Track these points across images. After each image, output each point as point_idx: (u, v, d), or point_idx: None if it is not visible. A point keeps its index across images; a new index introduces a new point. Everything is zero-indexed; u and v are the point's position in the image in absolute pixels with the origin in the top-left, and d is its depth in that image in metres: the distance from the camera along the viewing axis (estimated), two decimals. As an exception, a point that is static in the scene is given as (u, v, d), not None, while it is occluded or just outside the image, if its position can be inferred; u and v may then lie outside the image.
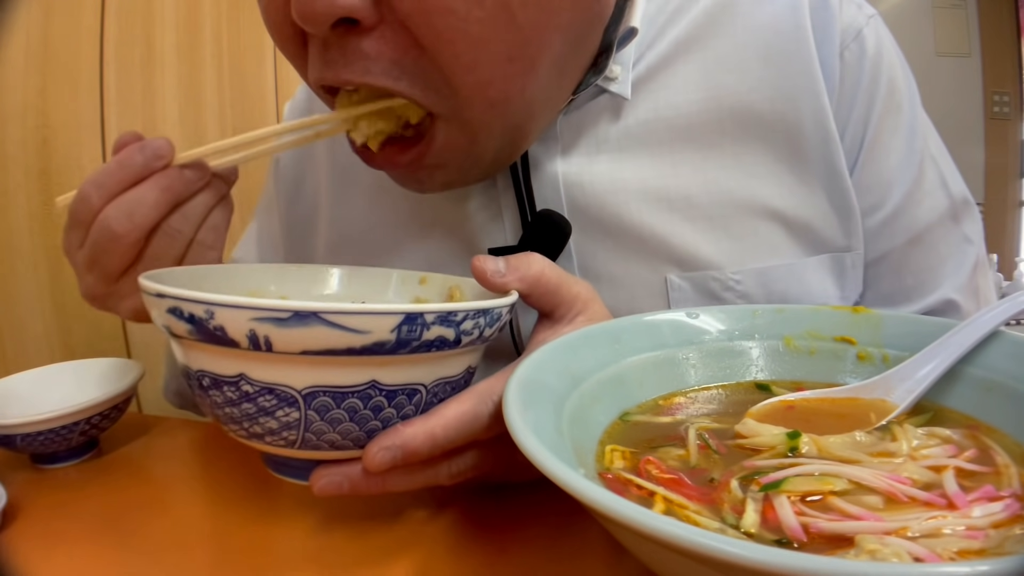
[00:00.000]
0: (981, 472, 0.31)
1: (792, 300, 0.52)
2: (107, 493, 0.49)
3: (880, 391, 0.39)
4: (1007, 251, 2.64)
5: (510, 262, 0.42)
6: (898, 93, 0.54)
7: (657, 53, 0.53)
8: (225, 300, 0.32)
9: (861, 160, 0.53)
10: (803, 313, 0.45)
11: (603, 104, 0.53)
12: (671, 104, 0.52)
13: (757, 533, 0.28)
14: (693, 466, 0.33)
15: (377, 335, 0.32)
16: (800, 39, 0.51)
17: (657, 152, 0.52)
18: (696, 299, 0.52)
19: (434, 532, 0.41)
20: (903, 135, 0.54)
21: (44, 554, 0.41)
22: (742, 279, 0.52)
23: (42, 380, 0.58)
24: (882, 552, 0.25)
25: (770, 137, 0.52)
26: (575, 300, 0.43)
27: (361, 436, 0.36)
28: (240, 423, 0.36)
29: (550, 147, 0.53)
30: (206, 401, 0.37)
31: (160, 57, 1.08)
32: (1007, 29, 2.73)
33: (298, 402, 0.34)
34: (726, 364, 0.43)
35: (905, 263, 0.55)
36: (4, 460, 0.53)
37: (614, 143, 0.53)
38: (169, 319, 0.34)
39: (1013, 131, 2.75)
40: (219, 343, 0.33)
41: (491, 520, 0.41)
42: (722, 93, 0.52)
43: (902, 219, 0.54)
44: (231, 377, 0.34)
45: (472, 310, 0.35)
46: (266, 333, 0.32)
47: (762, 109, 0.51)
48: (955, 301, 0.54)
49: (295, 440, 0.35)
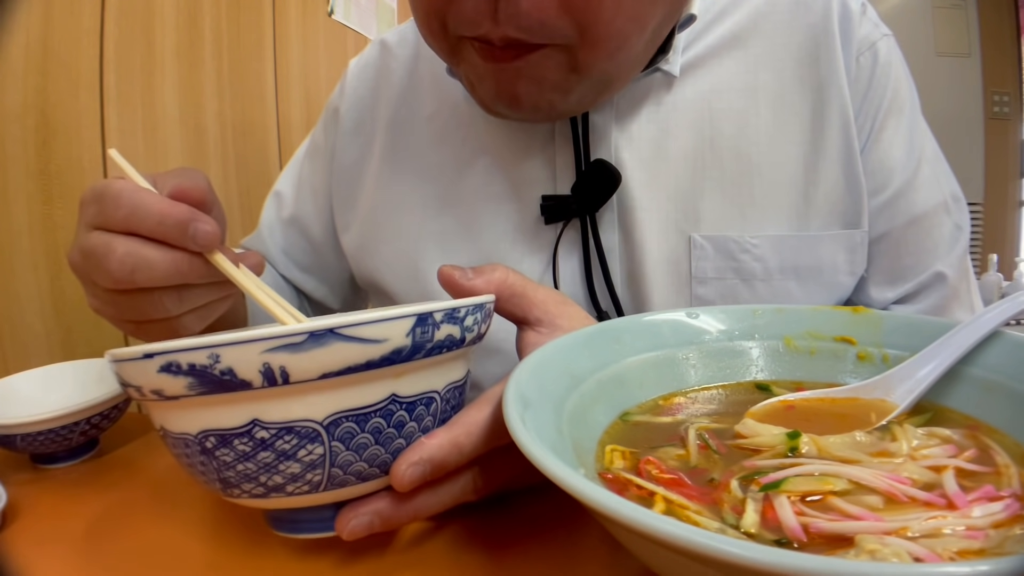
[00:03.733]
0: (981, 472, 0.31)
1: (804, 269, 0.58)
2: (107, 493, 0.49)
3: (880, 391, 0.39)
4: (1007, 251, 2.64)
5: (476, 269, 0.43)
6: (901, 99, 0.61)
7: (705, 44, 0.60)
8: (231, 338, 0.30)
9: (868, 147, 0.60)
10: (803, 313, 0.45)
11: (656, 80, 0.60)
12: (714, 89, 0.60)
13: (757, 533, 0.28)
14: (693, 466, 0.33)
15: (394, 342, 0.32)
16: (830, 41, 0.59)
17: (697, 127, 0.59)
18: (715, 258, 0.58)
19: (436, 540, 0.40)
20: (904, 133, 0.61)
21: (44, 554, 0.41)
22: (759, 243, 0.58)
23: (42, 380, 0.58)
24: (882, 552, 0.25)
25: (799, 121, 0.59)
26: (545, 303, 0.44)
27: (387, 459, 0.35)
28: (256, 479, 0.33)
29: (606, 112, 0.60)
30: (211, 466, 0.34)
31: (160, 57, 1.08)
32: (1007, 29, 2.74)
33: (321, 435, 0.32)
34: (726, 364, 0.43)
35: (904, 243, 0.61)
36: (4, 460, 0.53)
37: (662, 115, 0.60)
38: (162, 380, 0.31)
39: (1013, 131, 2.75)
40: (227, 389, 0.31)
41: (492, 525, 0.41)
42: (759, 85, 0.59)
43: (901, 202, 0.60)
44: (241, 427, 0.32)
45: (470, 304, 0.36)
46: (282, 363, 0.30)
47: (793, 99, 0.59)
48: (944, 273, 0.61)
49: (320, 481, 0.33)
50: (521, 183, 0.62)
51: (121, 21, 1.00)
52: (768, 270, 0.58)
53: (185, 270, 0.40)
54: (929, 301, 0.61)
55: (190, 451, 0.34)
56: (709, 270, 0.58)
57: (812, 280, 0.59)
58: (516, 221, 0.62)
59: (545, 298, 0.44)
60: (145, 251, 0.40)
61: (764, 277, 0.58)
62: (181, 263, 0.40)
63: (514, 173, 0.63)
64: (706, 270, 0.58)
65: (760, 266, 0.58)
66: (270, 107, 1.33)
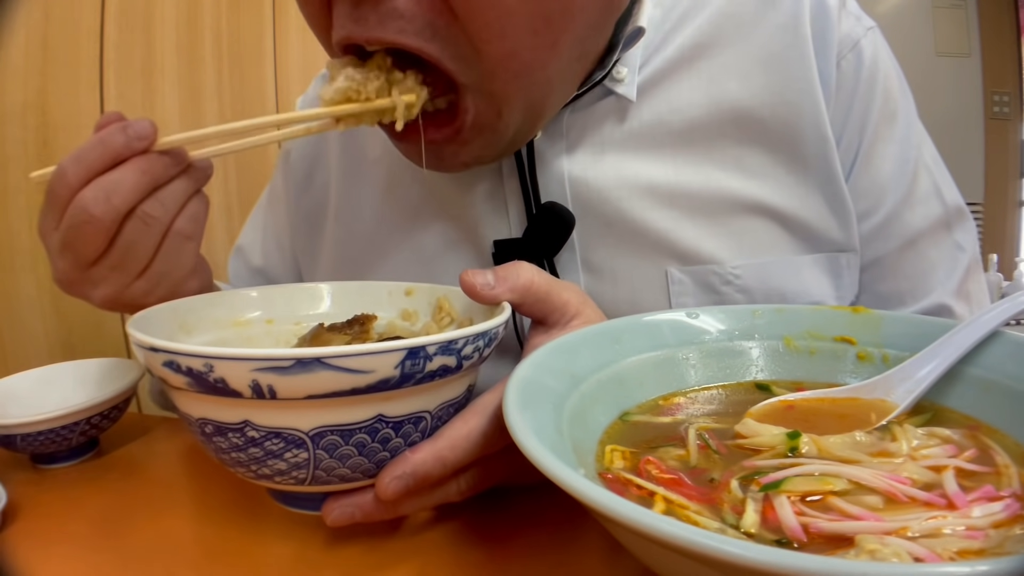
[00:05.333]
0: (981, 472, 0.31)
1: (789, 296, 0.54)
2: (107, 493, 0.49)
3: (880, 391, 0.39)
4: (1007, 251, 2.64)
5: (498, 273, 0.42)
6: (893, 102, 0.55)
7: (663, 58, 0.54)
8: (224, 353, 0.31)
9: (857, 166, 0.55)
10: (803, 313, 0.45)
11: (609, 105, 0.54)
12: (675, 108, 0.54)
13: (757, 533, 0.28)
14: (693, 466, 0.33)
15: (381, 373, 0.32)
16: (800, 47, 0.53)
17: (660, 153, 0.54)
18: (696, 292, 0.54)
19: (435, 535, 0.40)
20: (898, 144, 0.55)
21: (44, 554, 0.41)
22: (741, 273, 0.53)
23: (42, 380, 0.58)
24: (882, 552, 0.25)
25: (770, 140, 0.53)
26: (566, 306, 0.43)
27: (371, 467, 0.36)
28: (247, 466, 0.35)
29: (556, 144, 0.54)
30: (209, 447, 0.36)
31: (160, 57, 1.08)
32: (1007, 29, 2.74)
33: (306, 443, 0.33)
34: (726, 364, 0.43)
35: (899, 267, 0.56)
36: (4, 460, 0.53)
37: (619, 143, 0.54)
38: (165, 372, 0.33)
39: (1013, 131, 2.75)
40: (221, 394, 0.32)
41: (491, 520, 0.41)
42: (724, 99, 0.53)
43: (895, 224, 0.55)
44: (235, 424, 0.34)
45: (471, 335, 0.35)
46: (270, 382, 0.31)
47: (763, 114, 0.53)
48: (948, 305, 0.56)
49: (305, 478, 0.35)
50: (475, 227, 0.57)
51: (121, 21, 1.01)
52: (752, 299, 0.53)
53: (147, 167, 0.43)
54: None
55: (193, 429, 0.36)
56: (691, 304, 0.53)
57: None
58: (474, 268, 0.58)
59: (568, 300, 0.43)
60: (106, 178, 0.42)
61: None
62: (142, 164, 0.43)
63: (467, 219, 0.58)
64: (688, 305, 0.53)
65: (744, 297, 0.53)
66: (270, 107, 1.33)
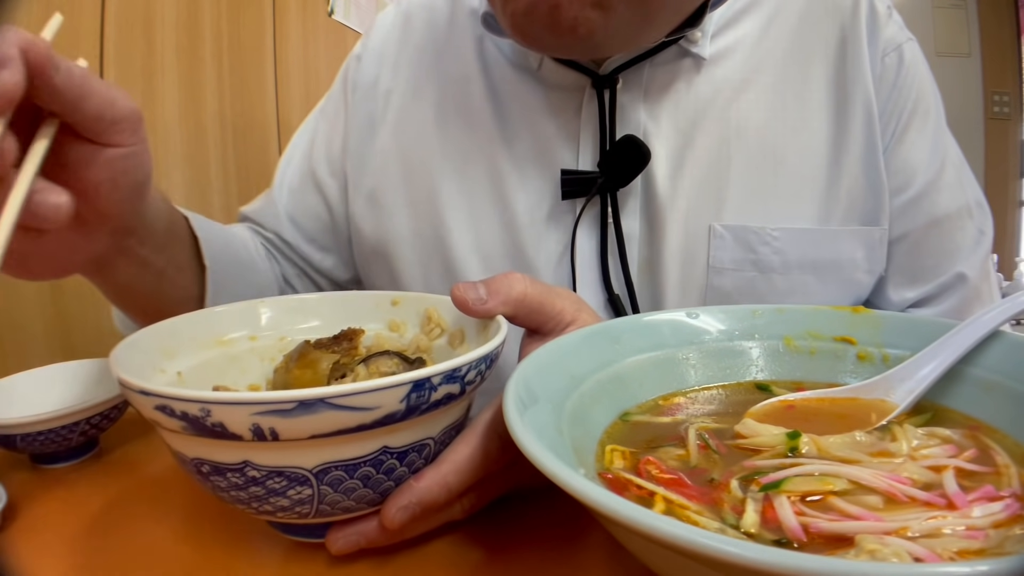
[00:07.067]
0: (981, 472, 0.31)
1: (822, 264, 0.58)
2: (107, 493, 0.49)
3: (880, 391, 0.39)
4: (1007, 251, 2.64)
5: (490, 286, 0.41)
6: (927, 103, 0.61)
7: (735, 34, 0.61)
8: (222, 398, 0.30)
9: (892, 146, 0.60)
10: (803, 313, 0.45)
11: (685, 65, 0.60)
12: (743, 78, 0.60)
13: (757, 533, 0.28)
14: (693, 466, 0.33)
15: (387, 408, 0.31)
16: (858, 38, 0.60)
17: (724, 116, 0.59)
18: (734, 249, 0.58)
19: (436, 534, 0.40)
20: (928, 136, 0.61)
21: (44, 554, 0.41)
22: (779, 236, 0.58)
23: (42, 380, 0.58)
24: (882, 552, 0.25)
25: (824, 115, 0.59)
26: (561, 314, 0.43)
27: (376, 497, 0.35)
28: (248, 504, 0.34)
29: (634, 92, 0.59)
30: (206, 485, 0.35)
31: (160, 57, 1.08)
32: (1007, 29, 2.74)
33: (310, 480, 0.33)
34: (726, 364, 0.43)
35: (924, 244, 0.61)
36: (4, 460, 0.53)
37: (690, 101, 0.59)
38: (157, 416, 0.31)
39: (1013, 131, 2.75)
40: (219, 437, 0.31)
41: (492, 522, 0.41)
42: (787, 77, 0.60)
43: (924, 203, 0.60)
44: (234, 464, 0.32)
45: (474, 360, 0.34)
46: (271, 425, 0.30)
47: (819, 93, 0.59)
48: (965, 274, 0.60)
49: (308, 512, 0.34)
50: (544, 152, 0.61)
51: (121, 21, 1.00)
52: (787, 263, 0.58)
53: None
54: (950, 303, 0.61)
55: (187, 468, 0.35)
56: (727, 261, 0.58)
57: (830, 275, 0.59)
58: (537, 197, 0.61)
59: (563, 308, 0.43)
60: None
61: (782, 270, 0.58)
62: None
63: (540, 139, 0.61)
64: (724, 260, 0.58)
65: (779, 259, 0.58)
66: (270, 107, 1.33)
